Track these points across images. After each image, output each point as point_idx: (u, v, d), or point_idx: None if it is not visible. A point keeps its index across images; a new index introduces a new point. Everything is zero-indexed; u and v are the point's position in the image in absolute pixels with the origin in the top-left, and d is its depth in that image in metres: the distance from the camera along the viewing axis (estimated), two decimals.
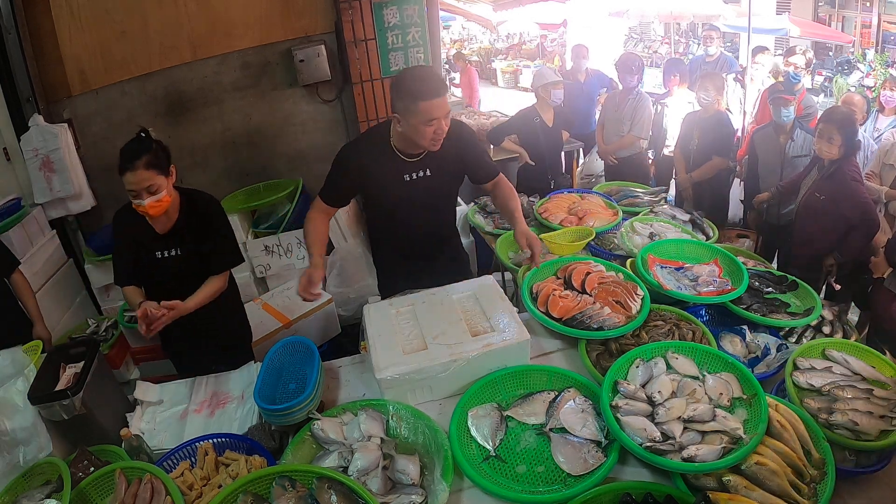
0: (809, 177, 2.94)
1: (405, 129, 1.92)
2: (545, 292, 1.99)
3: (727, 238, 3.47)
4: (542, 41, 16.11)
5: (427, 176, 2.07)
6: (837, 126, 2.66)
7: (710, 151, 3.65)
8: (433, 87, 1.83)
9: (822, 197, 2.78)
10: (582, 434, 1.49)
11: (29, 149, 3.10)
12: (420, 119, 1.85)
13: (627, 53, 4.95)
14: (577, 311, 1.88)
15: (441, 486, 1.35)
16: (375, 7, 3.53)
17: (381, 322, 1.83)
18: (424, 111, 1.83)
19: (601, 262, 2.19)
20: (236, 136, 3.85)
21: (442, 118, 1.86)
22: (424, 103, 1.82)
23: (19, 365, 1.73)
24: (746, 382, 1.53)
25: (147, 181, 1.87)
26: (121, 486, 1.40)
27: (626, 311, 1.90)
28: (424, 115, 1.83)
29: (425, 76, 1.87)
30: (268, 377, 1.72)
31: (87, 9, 3.29)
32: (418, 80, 1.84)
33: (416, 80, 1.84)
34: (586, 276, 2.05)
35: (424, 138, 1.90)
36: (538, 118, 3.92)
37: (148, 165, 1.86)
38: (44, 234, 3.16)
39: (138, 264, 2.06)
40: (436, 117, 1.85)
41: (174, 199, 2.02)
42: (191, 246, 2.05)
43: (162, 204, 1.93)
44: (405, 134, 1.94)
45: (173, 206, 2.02)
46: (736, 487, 1.28)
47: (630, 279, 2.07)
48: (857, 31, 12.49)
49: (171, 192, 1.97)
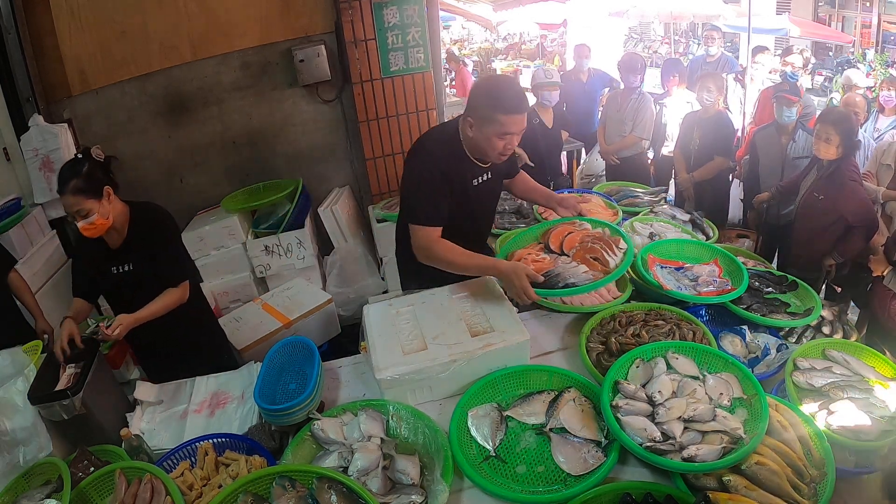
0: (809, 177, 2.94)
1: (476, 136, 1.89)
2: (517, 257, 1.95)
3: (727, 238, 3.46)
4: (542, 41, 16.10)
5: (488, 179, 2.06)
6: (834, 126, 2.66)
7: (712, 151, 3.65)
8: (516, 102, 1.81)
9: (820, 197, 2.78)
10: (582, 434, 1.49)
11: (29, 149, 3.09)
12: (495, 130, 1.82)
13: (630, 53, 4.95)
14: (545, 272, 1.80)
15: (441, 486, 1.35)
16: (375, 7, 3.53)
17: (381, 322, 1.83)
18: (502, 123, 1.81)
19: (588, 219, 2.16)
20: (236, 136, 3.85)
21: (517, 134, 1.85)
22: (505, 116, 1.80)
23: (19, 365, 1.73)
24: (747, 382, 1.53)
25: (76, 206, 1.86)
26: (121, 486, 1.40)
27: (604, 266, 1.85)
28: (501, 128, 1.81)
29: (510, 89, 1.83)
30: (268, 377, 1.72)
31: (87, 9, 3.29)
32: (503, 91, 1.81)
33: (501, 91, 1.82)
34: (566, 236, 2.01)
35: (494, 150, 1.87)
36: (537, 119, 3.92)
37: (76, 191, 1.85)
38: (44, 234, 3.16)
39: (93, 278, 2.09)
40: (512, 132, 1.83)
41: (122, 215, 2.00)
42: (142, 260, 2.04)
43: (96, 227, 1.91)
44: (475, 140, 1.91)
45: (122, 222, 2.01)
46: (736, 487, 1.28)
47: (617, 234, 2.02)
48: (857, 31, 12.50)
49: (108, 213, 1.93)
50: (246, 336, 2.94)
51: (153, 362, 2.36)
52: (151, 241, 2.05)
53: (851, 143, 2.71)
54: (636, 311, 1.98)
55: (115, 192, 1.98)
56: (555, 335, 1.99)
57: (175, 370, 2.07)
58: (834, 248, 2.78)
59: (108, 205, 1.94)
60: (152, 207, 2.13)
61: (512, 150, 1.91)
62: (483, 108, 1.83)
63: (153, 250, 2.04)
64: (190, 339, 2.25)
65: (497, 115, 1.80)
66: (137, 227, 2.04)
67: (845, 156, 2.71)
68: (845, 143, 2.67)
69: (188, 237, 3.49)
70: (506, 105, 1.80)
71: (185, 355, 2.20)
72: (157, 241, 2.05)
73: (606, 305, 2.05)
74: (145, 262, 2.03)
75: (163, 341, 2.16)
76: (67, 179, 1.86)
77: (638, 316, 1.94)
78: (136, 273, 2.04)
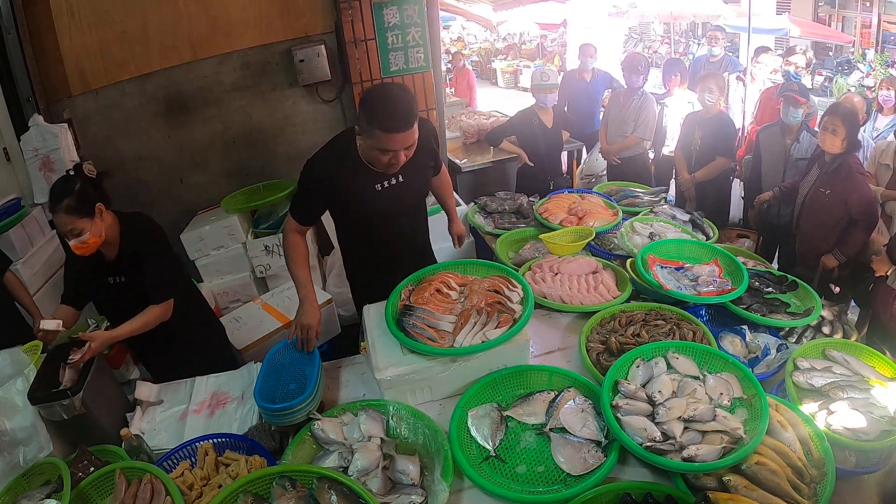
0: (809, 176, 2.94)
1: (362, 145, 1.85)
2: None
3: (727, 238, 3.46)
4: (541, 41, 16.10)
5: (400, 183, 1.99)
6: (842, 119, 2.65)
7: (713, 152, 3.64)
8: (394, 121, 1.70)
9: (827, 192, 2.77)
10: (582, 434, 1.49)
11: (29, 149, 3.09)
12: (375, 145, 1.75)
13: (633, 53, 4.94)
14: None
15: (441, 486, 1.35)
16: (375, 7, 3.53)
17: (381, 322, 1.83)
18: (379, 139, 1.72)
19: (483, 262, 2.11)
20: (236, 136, 3.85)
21: (400, 151, 1.76)
22: (382, 133, 1.71)
23: (19, 365, 1.73)
24: (747, 382, 1.53)
25: (68, 225, 1.84)
26: (121, 486, 1.40)
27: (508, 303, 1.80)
28: (379, 143, 1.73)
29: (393, 104, 1.71)
30: (268, 377, 1.72)
31: (87, 9, 3.29)
32: (385, 106, 1.70)
33: (384, 105, 1.71)
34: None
35: (379, 162, 1.81)
36: (537, 119, 3.92)
37: (68, 210, 1.83)
38: (44, 234, 3.16)
39: (85, 286, 2.09)
40: (391, 150, 1.75)
41: (112, 228, 1.99)
42: (135, 272, 2.02)
43: (88, 246, 1.89)
44: (363, 149, 1.86)
45: (113, 234, 2.00)
46: (736, 487, 1.28)
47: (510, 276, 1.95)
48: (857, 31, 12.48)
49: (100, 231, 1.92)
50: (246, 336, 2.94)
51: (154, 362, 2.36)
52: (141, 253, 2.02)
53: (855, 140, 2.72)
54: (636, 310, 1.98)
55: (108, 206, 1.96)
56: (555, 335, 1.99)
57: (176, 370, 2.07)
58: (835, 246, 2.78)
59: (101, 223, 1.91)
60: (142, 219, 2.09)
61: (400, 164, 1.81)
62: (363, 120, 1.74)
63: (139, 265, 2.01)
64: (188, 339, 2.24)
65: (374, 131, 1.71)
66: (127, 238, 2.02)
67: (849, 151, 2.71)
68: (850, 137, 2.67)
69: (188, 237, 3.49)
70: (383, 123, 1.69)
71: (185, 355, 2.20)
72: (143, 254, 2.02)
73: (606, 305, 2.05)
74: (137, 273, 2.01)
75: (162, 341, 2.16)
76: (60, 198, 1.83)
77: (638, 316, 1.94)
78: (129, 285, 2.04)
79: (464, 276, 1.98)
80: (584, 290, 2.17)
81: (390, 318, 1.75)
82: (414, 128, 1.75)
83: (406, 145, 1.77)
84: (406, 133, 1.73)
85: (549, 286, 2.18)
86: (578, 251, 2.47)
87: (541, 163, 3.95)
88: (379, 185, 1.97)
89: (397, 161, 1.79)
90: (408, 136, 1.74)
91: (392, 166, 1.83)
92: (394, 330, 1.71)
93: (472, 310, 1.75)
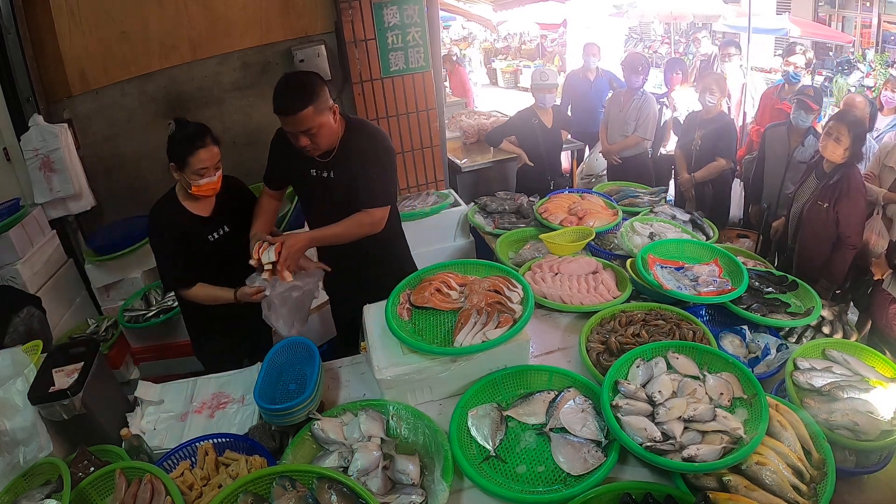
0: (806, 186, 2.84)
1: None
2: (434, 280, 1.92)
3: (727, 238, 3.47)
4: (542, 41, 16.10)
5: (329, 178, 2.04)
6: (848, 127, 2.52)
7: (713, 153, 3.65)
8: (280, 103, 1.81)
9: (825, 205, 2.63)
10: (582, 434, 1.49)
11: (29, 149, 3.10)
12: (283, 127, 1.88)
13: (633, 53, 4.94)
14: None
15: (441, 486, 1.35)
16: (375, 7, 3.53)
17: (381, 322, 1.83)
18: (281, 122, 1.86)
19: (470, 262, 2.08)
20: (236, 136, 3.84)
21: (298, 133, 1.84)
22: (280, 116, 1.84)
23: (19, 365, 1.73)
24: (747, 382, 1.53)
25: (217, 156, 1.95)
26: (121, 486, 1.40)
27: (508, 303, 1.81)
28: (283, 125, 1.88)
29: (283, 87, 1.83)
30: (268, 377, 1.72)
31: (87, 9, 3.29)
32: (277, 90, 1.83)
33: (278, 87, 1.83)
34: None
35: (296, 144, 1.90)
36: (537, 119, 3.92)
37: (214, 141, 1.95)
38: (44, 234, 3.16)
39: (189, 260, 2.02)
40: (290, 131, 1.86)
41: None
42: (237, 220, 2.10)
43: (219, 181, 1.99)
44: None
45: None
46: (736, 487, 1.28)
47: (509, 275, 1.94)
48: (857, 31, 12.47)
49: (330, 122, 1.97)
50: None
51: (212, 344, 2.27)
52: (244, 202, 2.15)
53: (858, 151, 2.60)
54: (636, 310, 1.98)
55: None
56: (555, 335, 1.99)
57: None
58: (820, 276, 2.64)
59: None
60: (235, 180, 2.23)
61: (307, 147, 1.88)
62: None
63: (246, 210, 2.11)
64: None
65: (278, 114, 1.82)
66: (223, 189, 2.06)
67: (849, 163, 2.58)
68: (853, 147, 2.54)
69: None
70: (275, 103, 1.82)
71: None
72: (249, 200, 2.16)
73: (606, 305, 2.05)
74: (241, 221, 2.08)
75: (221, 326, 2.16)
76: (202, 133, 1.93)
77: (638, 316, 1.94)
78: (233, 235, 2.08)
79: (464, 276, 1.98)
80: (584, 290, 2.17)
81: (390, 318, 1.75)
82: (303, 113, 1.80)
83: (300, 128, 1.83)
84: (295, 116, 1.80)
85: (549, 286, 2.18)
86: (578, 251, 2.47)
87: (540, 163, 3.95)
88: (314, 170, 2.05)
89: (299, 143, 1.87)
90: (297, 119, 1.80)
91: (305, 149, 1.90)
92: (394, 330, 1.71)
93: (473, 310, 1.75)
